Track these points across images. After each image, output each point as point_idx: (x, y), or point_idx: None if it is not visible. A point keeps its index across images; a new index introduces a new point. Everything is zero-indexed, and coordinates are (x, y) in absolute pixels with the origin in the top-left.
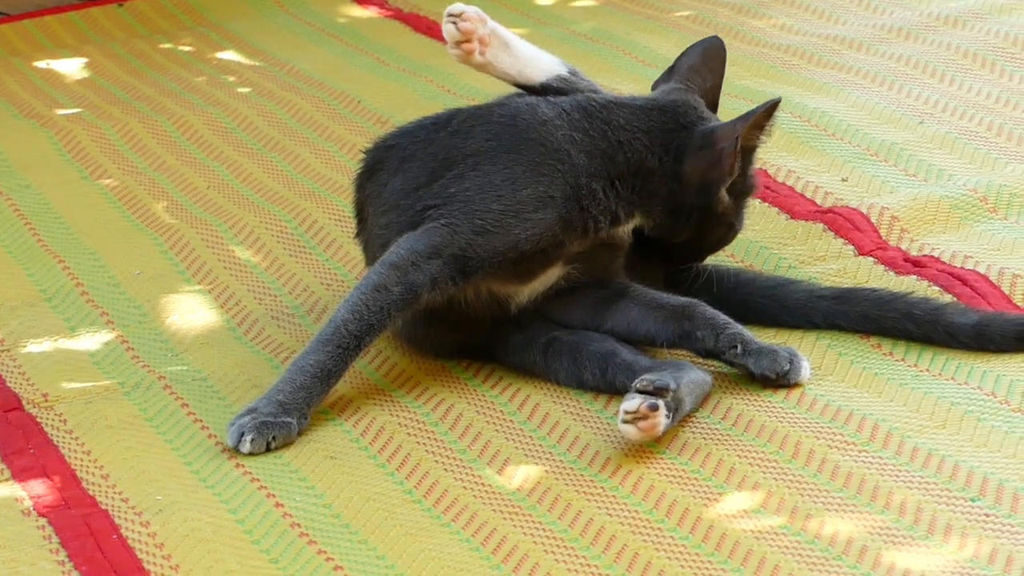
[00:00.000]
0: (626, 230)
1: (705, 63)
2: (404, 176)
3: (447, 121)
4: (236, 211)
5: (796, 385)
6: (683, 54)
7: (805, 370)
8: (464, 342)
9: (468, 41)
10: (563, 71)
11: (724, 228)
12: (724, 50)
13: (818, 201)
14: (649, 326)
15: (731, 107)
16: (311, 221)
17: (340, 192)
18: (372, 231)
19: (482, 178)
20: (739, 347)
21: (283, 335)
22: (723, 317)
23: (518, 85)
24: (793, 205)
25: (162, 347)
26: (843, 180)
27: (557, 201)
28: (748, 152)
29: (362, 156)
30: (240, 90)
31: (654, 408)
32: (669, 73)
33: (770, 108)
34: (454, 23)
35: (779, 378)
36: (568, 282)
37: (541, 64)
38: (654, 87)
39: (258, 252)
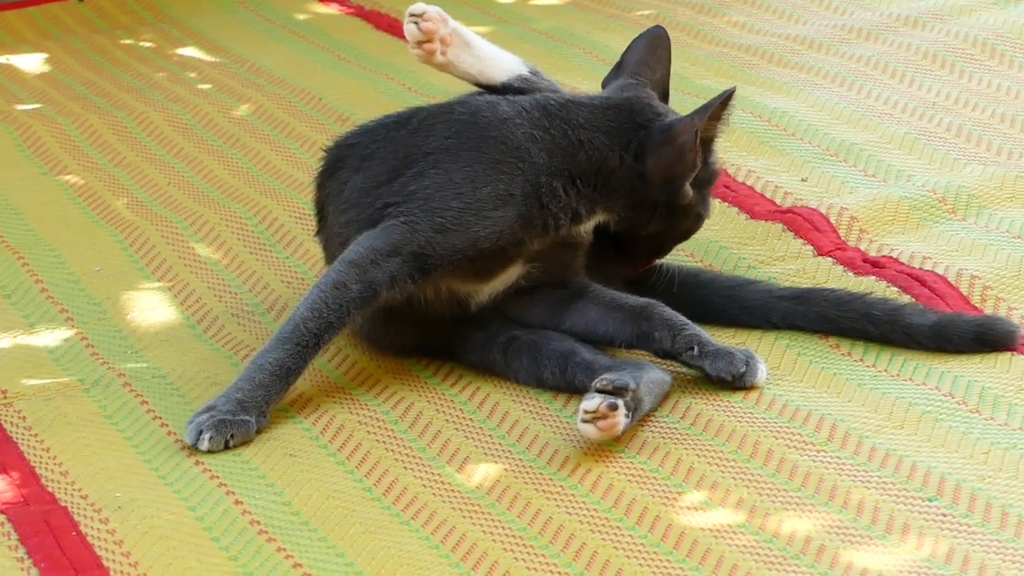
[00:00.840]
0: (587, 228)
1: (652, 54)
2: (365, 174)
3: (408, 119)
4: (196, 208)
5: (752, 387)
6: (628, 48)
7: (761, 372)
8: (424, 340)
9: (430, 41)
10: (524, 71)
11: (691, 218)
12: (668, 39)
13: (777, 201)
14: (607, 326)
15: (691, 107)
16: (272, 219)
17: (301, 190)
18: (332, 229)
19: (442, 176)
20: (696, 349)
21: (243, 332)
22: (681, 318)
23: (479, 85)
24: (753, 205)
25: (122, 344)
26: (803, 180)
27: (517, 199)
28: (707, 143)
29: (323, 154)
30: (201, 87)
31: (613, 407)
32: (618, 69)
33: (726, 98)
34: (416, 23)
35: (735, 380)
36: (528, 281)
37: (502, 64)
38: (604, 84)
39: (218, 249)
